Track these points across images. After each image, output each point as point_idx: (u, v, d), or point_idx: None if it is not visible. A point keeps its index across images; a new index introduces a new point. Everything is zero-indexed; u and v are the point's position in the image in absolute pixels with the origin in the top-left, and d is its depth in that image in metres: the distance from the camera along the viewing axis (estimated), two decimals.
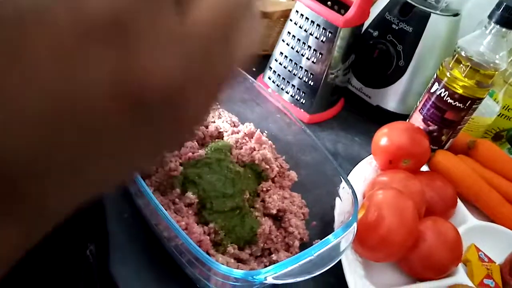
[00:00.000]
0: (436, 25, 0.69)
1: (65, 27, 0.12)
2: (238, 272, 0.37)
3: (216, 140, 0.55)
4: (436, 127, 0.61)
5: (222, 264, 0.40)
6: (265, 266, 0.45)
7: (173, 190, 0.46)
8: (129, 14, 0.13)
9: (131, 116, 0.14)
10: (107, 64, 0.13)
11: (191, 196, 0.45)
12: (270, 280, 0.36)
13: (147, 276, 0.43)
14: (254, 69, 0.78)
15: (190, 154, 0.50)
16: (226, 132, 0.56)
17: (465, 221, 0.56)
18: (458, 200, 0.58)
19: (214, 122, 0.57)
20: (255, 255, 0.46)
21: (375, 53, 0.72)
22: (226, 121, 0.58)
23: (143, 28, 0.13)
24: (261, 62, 0.78)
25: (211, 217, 0.45)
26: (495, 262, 0.53)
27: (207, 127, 0.56)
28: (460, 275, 0.49)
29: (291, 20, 0.69)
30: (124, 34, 0.13)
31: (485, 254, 0.53)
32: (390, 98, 0.73)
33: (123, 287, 0.42)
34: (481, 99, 0.59)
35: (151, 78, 0.13)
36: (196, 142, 0.52)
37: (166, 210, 0.40)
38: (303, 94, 0.70)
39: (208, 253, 0.42)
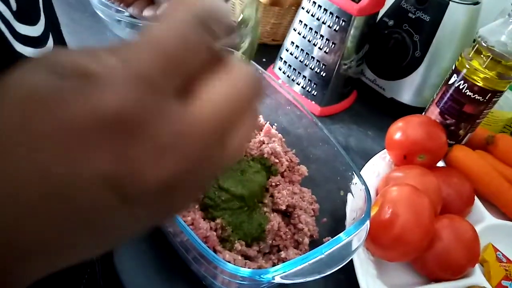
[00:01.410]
0: (455, 13, 0.66)
1: (76, 117, 0.14)
2: (245, 271, 0.35)
3: None
4: (453, 120, 0.59)
5: (229, 261, 0.39)
6: (274, 264, 0.44)
7: None
8: (135, 115, 0.14)
9: (123, 202, 0.15)
10: (106, 157, 0.14)
11: None
12: (278, 280, 0.35)
13: (152, 272, 0.42)
14: (264, 60, 0.76)
15: None
16: None
17: (483, 219, 0.54)
18: (476, 197, 0.55)
19: None
20: (263, 252, 0.45)
21: (390, 43, 0.69)
22: None
23: (146, 128, 0.14)
24: (271, 52, 0.75)
25: (218, 213, 0.43)
26: None
27: None
28: (477, 276, 0.47)
29: (303, 8, 0.67)
30: (128, 133, 0.14)
31: (503, 254, 0.51)
32: (405, 90, 0.70)
33: (128, 282, 0.41)
34: (502, 92, 0.56)
35: (146, 177, 0.14)
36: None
37: None
38: (315, 86, 0.68)
39: (214, 250, 0.41)
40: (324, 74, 0.67)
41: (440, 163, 0.58)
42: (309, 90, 0.69)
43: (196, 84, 0.16)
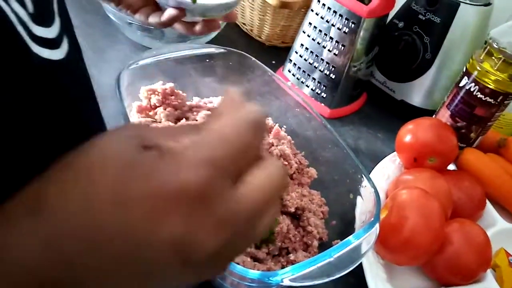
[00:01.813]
0: (466, 15, 0.65)
1: (164, 186, 0.17)
2: (254, 273, 0.35)
3: None
4: (464, 123, 0.58)
5: (238, 263, 0.39)
6: (283, 266, 0.44)
7: None
8: (207, 191, 0.18)
9: (182, 264, 0.18)
10: (180, 224, 0.17)
11: None
12: (286, 282, 0.35)
13: None
14: (273, 62, 0.76)
15: None
16: None
17: (494, 223, 0.53)
18: (487, 201, 0.55)
19: None
20: (272, 254, 0.45)
21: (400, 45, 0.69)
22: None
23: (212, 203, 0.18)
24: (280, 55, 0.76)
25: None
26: None
27: None
28: (489, 281, 0.46)
29: (312, 10, 0.67)
30: (200, 205, 0.18)
31: None
32: (416, 92, 0.70)
33: None
34: None
35: (206, 246, 0.18)
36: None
37: None
38: (324, 88, 0.68)
39: None
40: (333, 76, 0.67)
41: (451, 166, 0.58)
42: (319, 92, 0.69)
43: (243, 171, 0.19)
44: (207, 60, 0.57)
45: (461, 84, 0.58)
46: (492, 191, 0.56)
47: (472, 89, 0.56)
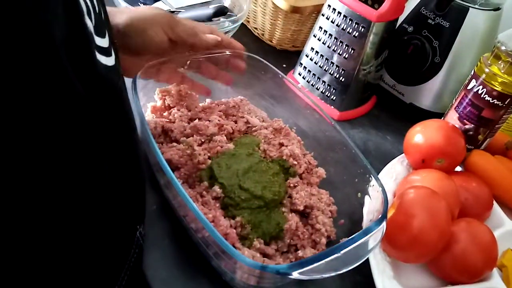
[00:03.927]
0: (475, 20, 0.66)
1: None
2: (263, 266, 0.36)
3: (245, 135, 0.55)
4: (472, 125, 0.59)
5: (248, 257, 0.40)
6: (291, 262, 0.45)
7: (201, 183, 0.47)
8: None
9: None
10: None
11: (217, 190, 0.45)
12: (295, 276, 0.36)
13: (174, 267, 0.44)
14: (284, 65, 0.77)
15: (219, 148, 0.50)
16: (255, 127, 0.56)
17: (502, 224, 0.54)
18: (494, 202, 0.55)
19: (243, 117, 0.57)
20: (281, 250, 0.46)
21: (410, 49, 0.70)
22: (255, 116, 0.58)
23: None
24: (291, 58, 0.77)
25: (238, 212, 0.45)
26: None
27: (236, 121, 0.56)
28: (495, 280, 0.47)
29: (323, 15, 0.68)
30: None
31: None
32: (425, 95, 0.71)
33: (151, 276, 0.43)
34: None
35: None
36: (225, 137, 0.52)
37: (194, 202, 0.41)
38: (334, 91, 0.69)
39: (234, 247, 0.42)
40: (343, 80, 0.68)
41: (458, 168, 0.59)
42: (328, 95, 0.70)
43: None
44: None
45: (469, 87, 0.59)
46: (500, 193, 0.57)
47: (480, 92, 0.57)
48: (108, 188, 0.33)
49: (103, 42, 0.30)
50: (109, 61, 0.31)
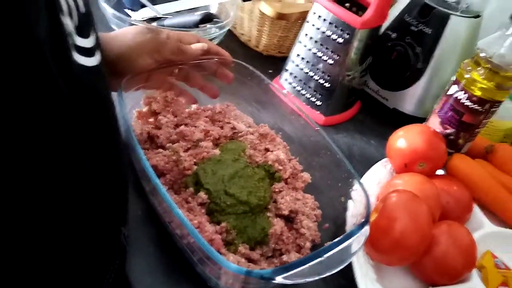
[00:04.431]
0: (456, 27, 0.68)
1: None
2: (248, 271, 0.37)
3: (231, 140, 0.56)
4: (453, 130, 0.61)
5: (233, 263, 0.41)
6: (275, 267, 0.45)
7: (187, 189, 0.47)
8: None
9: None
10: None
11: (203, 195, 0.46)
12: (279, 280, 0.37)
13: (158, 273, 0.44)
14: (270, 71, 0.78)
15: (205, 153, 0.50)
16: (241, 132, 0.57)
17: (481, 226, 0.55)
18: (475, 205, 0.57)
19: (229, 123, 0.58)
20: (266, 255, 0.47)
21: (393, 55, 0.71)
22: (241, 122, 0.59)
23: None
24: (277, 64, 0.78)
25: (223, 218, 0.46)
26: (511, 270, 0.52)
27: (222, 127, 0.57)
28: (475, 281, 0.48)
29: (308, 21, 0.69)
30: None
31: (501, 261, 0.52)
32: (408, 101, 0.72)
33: (135, 282, 0.43)
34: (500, 102, 0.58)
35: None
36: (211, 143, 0.53)
37: (179, 208, 0.41)
38: (319, 96, 0.70)
39: (219, 252, 0.43)
40: (328, 85, 0.69)
41: (440, 172, 0.60)
42: (314, 100, 0.71)
43: None
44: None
45: (450, 92, 0.60)
46: (480, 196, 0.58)
47: (460, 97, 0.58)
48: (91, 188, 0.33)
49: (85, 42, 0.31)
50: (90, 61, 0.31)
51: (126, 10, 0.77)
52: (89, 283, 0.37)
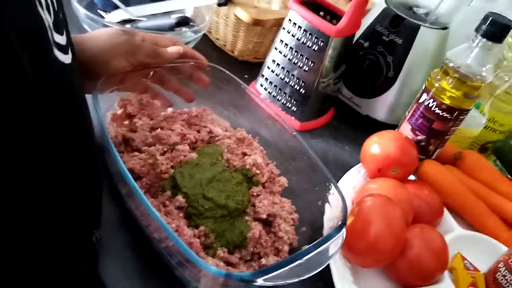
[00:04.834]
0: (425, 37, 0.71)
1: None
2: (228, 274, 0.36)
3: (208, 144, 0.56)
4: (424, 136, 0.63)
5: (213, 266, 0.40)
6: (254, 270, 0.45)
7: (164, 192, 0.46)
8: None
9: None
10: None
11: (181, 199, 0.45)
12: (260, 283, 0.36)
13: (136, 277, 0.43)
14: (246, 76, 0.78)
15: (182, 157, 0.50)
16: (218, 136, 0.57)
17: (451, 230, 0.57)
18: (445, 209, 0.58)
19: (206, 126, 0.57)
20: (245, 259, 0.46)
21: (366, 63, 0.73)
22: (218, 126, 0.59)
23: None
24: (253, 69, 0.78)
25: (202, 221, 0.45)
26: (480, 271, 0.53)
27: (199, 131, 0.57)
28: (446, 283, 0.49)
29: (284, 28, 0.70)
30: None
31: (470, 263, 0.54)
32: (380, 108, 0.74)
33: (110, 286, 0.42)
34: (467, 110, 0.60)
35: None
36: (187, 146, 0.52)
37: (157, 212, 0.40)
38: (295, 102, 0.71)
39: (198, 256, 0.42)
40: (303, 91, 0.70)
41: (412, 177, 0.62)
42: (290, 106, 0.72)
43: None
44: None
45: (420, 100, 0.62)
46: (450, 200, 0.60)
47: (430, 105, 0.60)
48: (62, 189, 0.32)
49: (60, 39, 0.31)
50: (66, 58, 0.31)
51: (99, 11, 0.76)
52: (60, 284, 0.36)
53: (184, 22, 0.75)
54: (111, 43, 0.49)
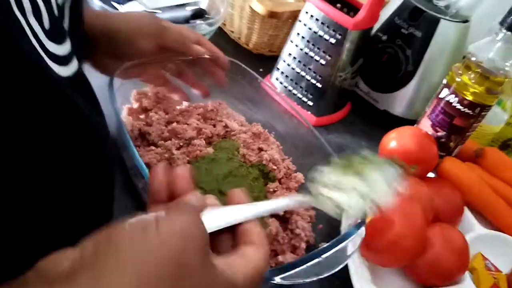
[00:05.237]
0: (446, 30, 0.69)
1: None
2: None
3: (224, 139, 0.55)
4: (444, 133, 0.61)
5: None
6: (271, 267, 0.45)
7: None
8: None
9: None
10: None
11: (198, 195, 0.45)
12: (278, 281, 0.36)
13: None
14: (261, 70, 0.77)
15: (198, 152, 0.49)
16: (234, 131, 0.56)
17: (472, 229, 0.56)
18: (465, 208, 0.57)
19: (222, 121, 0.56)
20: None
21: (384, 57, 0.71)
22: (234, 120, 0.58)
23: None
24: (267, 62, 0.77)
25: None
26: (501, 272, 0.52)
27: (214, 125, 0.56)
28: (467, 283, 0.48)
29: (300, 21, 0.69)
30: None
31: (492, 263, 0.52)
32: (398, 103, 0.73)
33: None
34: (490, 106, 0.58)
35: None
36: (203, 141, 0.52)
37: None
38: (311, 96, 0.70)
39: None
40: (320, 86, 0.69)
41: (431, 174, 0.60)
42: (305, 100, 0.71)
43: None
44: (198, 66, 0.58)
45: (441, 96, 0.61)
46: (470, 198, 0.59)
47: (451, 101, 0.59)
48: (71, 187, 0.31)
49: (57, 49, 0.28)
50: (63, 71, 0.29)
51: (113, 3, 0.75)
52: None
53: (199, 14, 0.74)
54: (140, 22, 0.48)
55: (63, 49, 0.29)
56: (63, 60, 0.28)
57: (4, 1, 0.22)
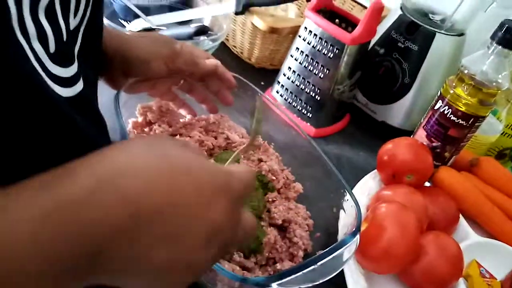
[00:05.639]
0: (441, 44, 0.71)
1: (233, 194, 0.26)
2: (244, 278, 0.38)
3: (225, 150, 0.57)
4: (439, 143, 0.63)
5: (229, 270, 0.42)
6: (269, 275, 0.46)
7: None
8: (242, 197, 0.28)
9: (215, 247, 0.25)
10: (222, 214, 0.25)
11: None
12: (274, 287, 0.37)
13: None
14: (262, 83, 0.80)
15: None
16: (235, 143, 0.58)
17: (467, 237, 0.57)
18: (460, 216, 0.58)
19: (223, 133, 0.59)
20: (260, 263, 0.48)
21: (381, 70, 0.73)
22: (235, 133, 0.60)
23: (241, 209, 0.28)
24: (269, 76, 0.80)
25: None
26: (496, 279, 0.53)
27: (216, 137, 0.58)
28: None
29: (299, 36, 0.71)
30: (235, 205, 0.26)
31: (486, 270, 0.54)
32: (395, 114, 0.74)
33: None
34: (483, 117, 0.60)
35: (230, 235, 0.26)
36: (205, 153, 0.54)
37: None
38: (310, 109, 0.72)
39: None
40: (319, 98, 0.71)
41: (427, 183, 0.62)
42: (305, 112, 0.73)
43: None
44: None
45: (436, 107, 0.62)
46: (465, 207, 0.60)
47: (446, 112, 0.61)
48: None
49: (62, 71, 0.29)
50: (65, 91, 0.29)
51: (121, 21, 0.78)
52: None
53: (202, 30, 0.76)
54: (155, 45, 0.50)
55: (68, 71, 0.30)
56: (66, 82, 0.29)
57: (6, 27, 0.24)
